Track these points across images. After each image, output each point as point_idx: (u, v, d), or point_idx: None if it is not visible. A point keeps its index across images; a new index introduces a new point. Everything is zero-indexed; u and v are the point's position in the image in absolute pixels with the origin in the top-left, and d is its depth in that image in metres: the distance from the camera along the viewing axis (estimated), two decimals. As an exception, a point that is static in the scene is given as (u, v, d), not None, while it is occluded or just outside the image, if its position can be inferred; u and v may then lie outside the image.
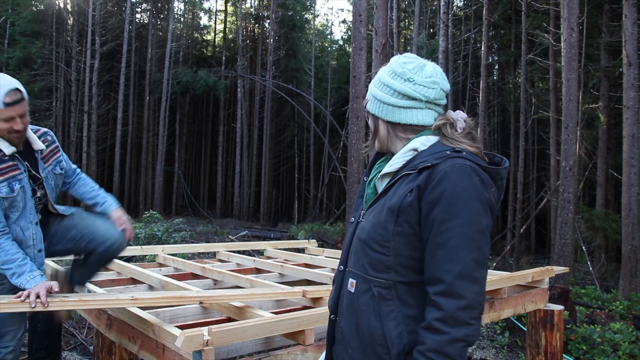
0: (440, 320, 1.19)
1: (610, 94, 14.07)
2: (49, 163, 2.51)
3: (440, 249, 1.22)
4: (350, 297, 1.36)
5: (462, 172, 1.23)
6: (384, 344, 1.27)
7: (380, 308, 1.28)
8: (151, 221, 11.76)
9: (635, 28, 9.29)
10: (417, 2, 17.15)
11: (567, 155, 8.39)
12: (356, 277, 1.35)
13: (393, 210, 1.28)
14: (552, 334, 3.55)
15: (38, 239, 2.37)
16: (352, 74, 8.68)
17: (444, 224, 1.21)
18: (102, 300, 2.25)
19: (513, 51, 19.25)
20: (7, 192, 2.27)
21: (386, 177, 1.40)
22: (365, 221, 1.38)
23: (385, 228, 1.29)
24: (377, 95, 1.42)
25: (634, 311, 7.23)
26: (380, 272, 1.30)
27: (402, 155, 1.36)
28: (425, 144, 1.35)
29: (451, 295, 1.19)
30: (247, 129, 27.04)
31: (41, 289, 2.06)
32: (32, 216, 2.36)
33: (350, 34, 26.59)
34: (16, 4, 21.96)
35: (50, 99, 22.88)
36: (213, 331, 2.00)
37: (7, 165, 2.31)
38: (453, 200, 1.21)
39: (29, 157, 2.43)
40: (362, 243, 1.35)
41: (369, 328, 1.30)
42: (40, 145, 2.46)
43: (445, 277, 1.20)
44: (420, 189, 1.26)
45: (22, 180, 2.33)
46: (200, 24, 33.56)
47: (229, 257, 4.55)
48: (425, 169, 1.27)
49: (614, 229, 11.61)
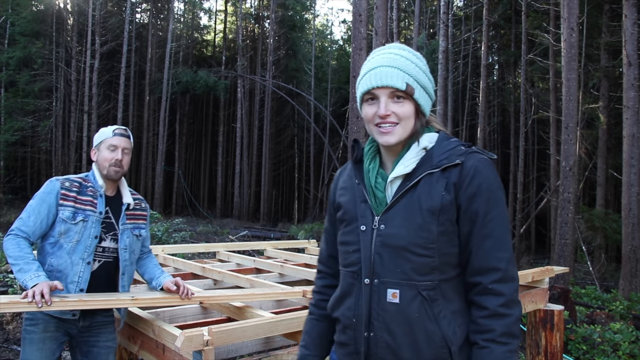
0: (504, 305, 1.26)
1: (610, 94, 14.07)
2: (131, 222, 2.52)
3: (488, 239, 1.28)
4: (395, 308, 1.30)
5: (488, 166, 1.31)
6: (444, 345, 1.28)
7: (433, 310, 1.29)
8: (151, 221, 11.76)
9: (635, 28, 9.29)
10: (417, 2, 17.15)
11: (567, 155, 8.39)
12: (398, 287, 1.29)
13: (433, 211, 1.28)
14: (552, 334, 3.55)
15: (84, 279, 2.32)
16: (352, 74, 8.68)
17: (487, 216, 1.28)
18: (102, 300, 2.25)
19: (513, 51, 19.25)
20: (69, 216, 2.30)
21: (397, 180, 1.34)
22: (391, 227, 1.31)
23: (427, 230, 1.27)
24: (427, 87, 1.37)
25: (634, 311, 7.23)
26: (426, 275, 1.28)
27: (415, 155, 1.34)
28: (431, 141, 1.36)
29: (507, 280, 1.27)
30: (247, 129, 27.05)
31: (45, 287, 2.04)
32: (87, 255, 2.33)
33: (350, 34, 26.61)
34: (16, 4, 21.96)
35: (50, 99, 22.88)
36: (213, 331, 2.00)
37: (87, 199, 2.38)
38: (490, 194, 1.29)
39: (115, 206, 2.48)
40: (400, 250, 1.29)
41: (426, 333, 1.28)
42: (130, 199, 2.52)
43: (499, 265, 1.27)
44: (455, 186, 1.29)
45: (90, 217, 2.35)
46: (200, 24, 33.59)
47: (229, 257, 4.55)
48: (453, 167, 1.30)
49: (614, 229, 11.61)
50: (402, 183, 1.33)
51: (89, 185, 2.42)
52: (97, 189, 2.41)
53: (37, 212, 2.29)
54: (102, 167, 2.42)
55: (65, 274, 2.28)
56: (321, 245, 1.61)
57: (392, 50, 1.36)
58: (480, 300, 1.28)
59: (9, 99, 21.82)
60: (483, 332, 1.26)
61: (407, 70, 1.32)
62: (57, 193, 2.32)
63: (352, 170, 1.47)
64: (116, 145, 2.42)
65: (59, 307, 2.10)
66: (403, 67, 1.32)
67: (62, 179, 2.40)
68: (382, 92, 1.31)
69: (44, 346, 2.29)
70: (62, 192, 2.33)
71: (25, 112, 21.71)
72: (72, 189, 2.36)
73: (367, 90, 1.33)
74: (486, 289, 1.27)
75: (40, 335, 2.30)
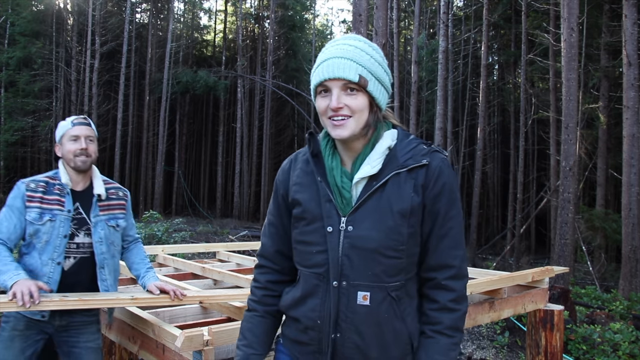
0: (454, 300, 1.32)
1: (610, 94, 14.06)
2: (105, 212, 2.44)
3: (445, 238, 1.32)
4: (366, 310, 1.29)
5: (448, 166, 1.34)
6: (409, 341, 1.33)
7: (400, 310, 1.31)
8: (151, 221, 11.77)
9: (635, 28, 9.29)
10: (417, 2, 17.15)
11: (567, 155, 8.39)
12: (369, 289, 1.28)
13: (404, 213, 1.27)
14: (552, 334, 3.55)
15: (54, 280, 2.27)
16: (352, 74, 8.67)
17: (447, 215, 1.32)
18: (102, 300, 2.25)
19: (513, 51, 19.25)
20: (35, 218, 2.26)
21: (363, 180, 1.31)
22: (360, 228, 1.28)
23: (399, 232, 1.27)
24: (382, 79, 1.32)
25: (634, 311, 7.23)
26: (395, 276, 1.30)
27: (380, 155, 1.32)
28: (393, 138, 1.35)
29: (459, 277, 1.33)
30: (247, 129, 27.05)
31: (31, 286, 2.00)
32: (57, 255, 2.28)
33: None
34: (16, 4, 21.96)
35: (50, 99, 22.88)
36: (213, 331, 2.00)
37: (54, 198, 2.32)
38: (450, 193, 1.32)
39: (87, 199, 2.40)
40: (370, 252, 1.27)
41: (394, 333, 1.30)
42: (101, 190, 2.43)
43: (454, 262, 1.32)
44: (423, 188, 1.30)
45: (57, 216, 2.30)
46: (200, 24, 33.59)
47: (229, 257, 4.55)
48: (419, 167, 1.31)
49: (614, 229, 11.61)
50: (368, 183, 1.30)
51: (56, 184, 2.35)
52: (64, 187, 2.35)
53: (9, 218, 2.27)
54: (68, 160, 2.36)
55: (36, 274, 2.25)
56: (264, 240, 1.52)
57: (346, 41, 1.31)
58: (432, 294, 1.33)
59: (9, 99, 21.82)
60: (432, 324, 1.32)
61: (360, 61, 1.27)
62: (22, 196, 2.29)
63: (309, 164, 1.39)
64: (78, 135, 2.36)
65: (58, 307, 2.10)
66: (356, 59, 1.26)
67: (27, 180, 2.35)
68: (334, 84, 1.26)
69: (12, 344, 2.26)
70: (28, 194, 2.29)
71: (25, 112, 21.71)
72: (38, 189, 2.31)
73: (320, 82, 1.28)
74: (439, 284, 1.32)
75: (9, 333, 2.28)
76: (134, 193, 26.25)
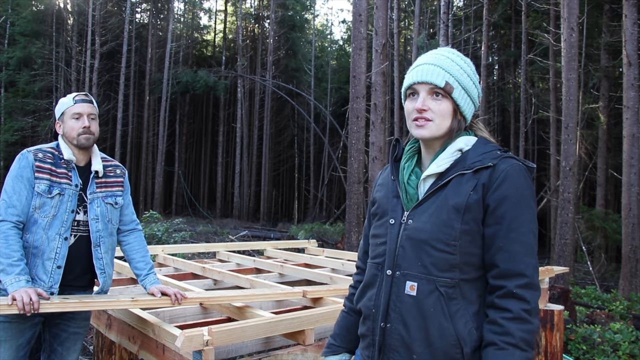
0: (527, 311, 1.25)
1: (610, 94, 14.06)
2: (102, 189, 2.39)
3: (516, 243, 1.27)
4: (412, 301, 1.31)
5: (520, 172, 1.31)
6: (457, 343, 1.28)
7: (449, 308, 1.28)
8: (151, 221, 11.76)
9: (635, 28, 9.29)
10: (417, 2, 17.15)
11: (567, 155, 8.39)
12: (417, 280, 1.31)
13: (459, 208, 1.29)
14: (552, 334, 3.55)
15: (61, 255, 2.22)
16: (352, 74, 8.68)
17: (516, 220, 1.28)
18: (103, 301, 2.25)
19: (513, 51, 19.26)
20: (44, 190, 2.21)
21: (430, 178, 1.36)
22: (418, 221, 1.33)
23: (451, 227, 1.29)
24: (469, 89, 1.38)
25: (634, 311, 7.23)
26: (445, 272, 1.29)
27: (450, 156, 1.35)
28: (468, 144, 1.38)
29: (532, 287, 1.27)
30: (247, 129, 27.05)
31: (31, 293, 1.99)
32: (64, 230, 2.23)
33: (350, 34, 26.58)
34: (16, 4, 21.96)
35: (50, 99, 22.87)
36: (213, 331, 2.00)
37: (62, 172, 2.28)
38: (520, 199, 1.29)
39: (86, 176, 2.36)
40: (422, 243, 1.31)
41: (439, 330, 1.28)
42: (99, 167, 2.38)
43: (527, 270, 1.26)
44: (484, 187, 1.30)
45: (66, 190, 2.26)
46: (200, 24, 33.59)
47: (229, 257, 4.55)
48: (485, 169, 1.31)
49: (614, 229, 11.61)
50: (435, 182, 1.35)
51: (62, 157, 2.30)
52: (69, 161, 2.31)
53: (19, 190, 2.19)
54: (70, 138, 2.31)
55: (41, 250, 2.19)
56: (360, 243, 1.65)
57: (439, 51, 1.41)
58: (503, 303, 1.26)
59: (9, 99, 21.83)
60: (503, 334, 1.24)
61: (448, 69, 1.35)
62: (32, 165, 2.22)
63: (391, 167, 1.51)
64: (80, 113, 2.31)
65: (59, 309, 2.09)
66: (445, 66, 1.35)
67: (33, 149, 2.28)
68: (421, 88, 1.35)
69: (10, 326, 2.21)
70: (37, 164, 2.23)
71: (25, 112, 21.72)
72: (47, 160, 2.25)
73: (409, 85, 1.38)
74: (510, 293, 1.26)
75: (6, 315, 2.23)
76: (134, 193, 26.26)
